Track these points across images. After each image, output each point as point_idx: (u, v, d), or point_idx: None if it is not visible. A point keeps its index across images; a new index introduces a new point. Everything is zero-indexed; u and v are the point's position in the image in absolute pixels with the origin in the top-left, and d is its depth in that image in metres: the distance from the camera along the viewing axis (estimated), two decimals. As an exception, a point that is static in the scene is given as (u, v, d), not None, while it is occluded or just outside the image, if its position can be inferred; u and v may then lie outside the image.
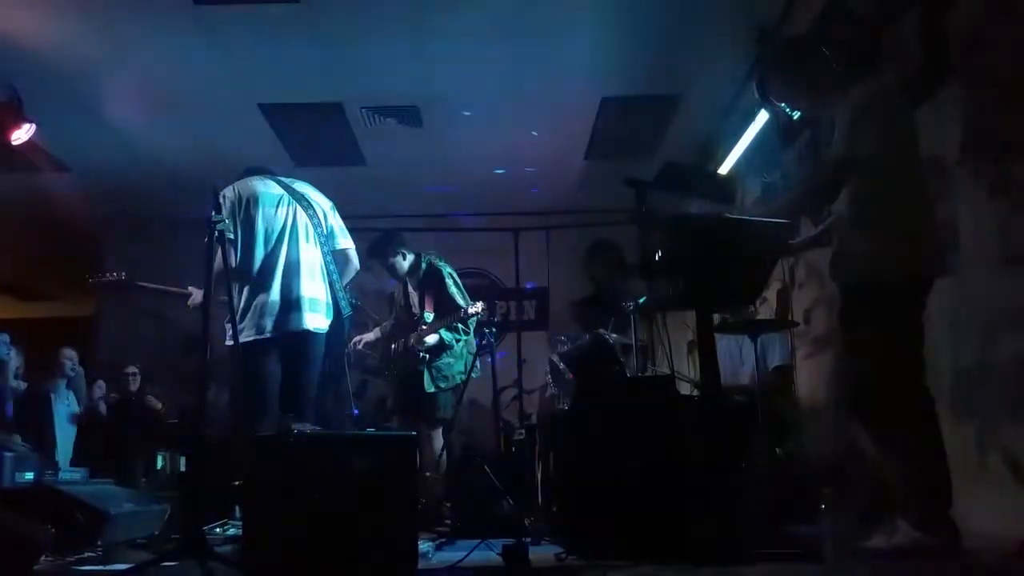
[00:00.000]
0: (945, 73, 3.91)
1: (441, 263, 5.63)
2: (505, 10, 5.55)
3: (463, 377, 5.49)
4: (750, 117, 5.85)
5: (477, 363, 5.62)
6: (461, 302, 5.48)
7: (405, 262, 5.63)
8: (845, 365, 3.25)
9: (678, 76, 6.45)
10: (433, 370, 5.47)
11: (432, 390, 5.46)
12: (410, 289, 5.71)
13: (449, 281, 5.56)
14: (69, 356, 7.33)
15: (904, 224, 3.16)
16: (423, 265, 5.62)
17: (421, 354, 5.42)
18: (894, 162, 3.17)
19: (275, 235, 4.13)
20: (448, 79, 6.43)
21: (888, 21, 4.39)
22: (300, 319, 4.07)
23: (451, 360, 5.50)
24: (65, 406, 7.16)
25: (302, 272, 4.13)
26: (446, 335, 5.43)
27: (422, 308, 5.56)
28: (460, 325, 5.46)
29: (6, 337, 7.09)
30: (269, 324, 4.02)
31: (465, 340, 5.57)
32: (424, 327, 5.44)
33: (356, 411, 5.78)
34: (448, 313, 5.45)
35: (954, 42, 3.87)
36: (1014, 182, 3.45)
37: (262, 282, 4.07)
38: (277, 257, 4.11)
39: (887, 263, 3.13)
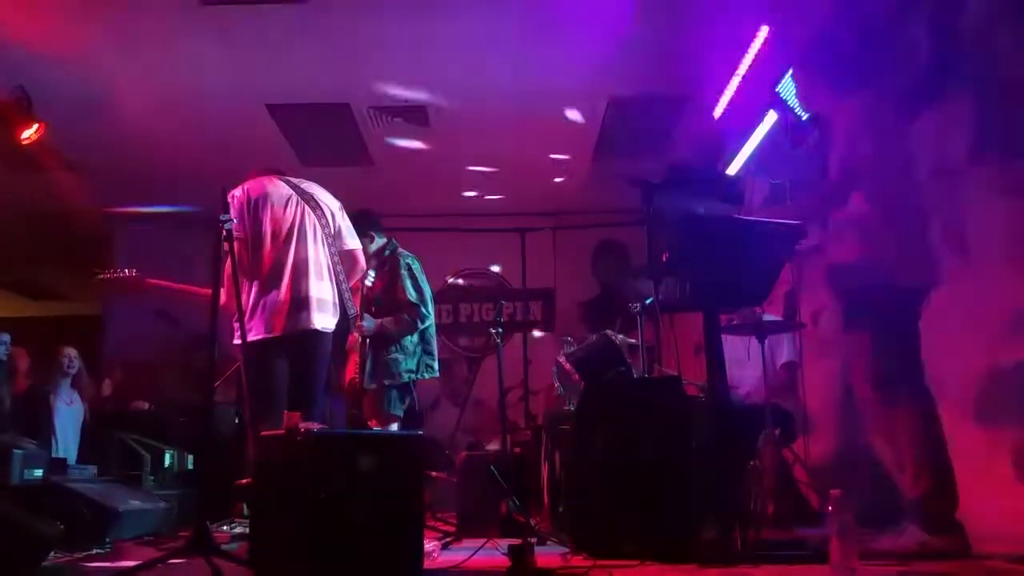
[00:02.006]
0: (955, 73, 3.90)
1: (405, 253, 5.33)
2: (512, 10, 5.55)
3: (412, 376, 5.18)
4: (758, 118, 5.83)
5: (435, 365, 5.32)
6: (410, 294, 5.15)
7: (372, 245, 5.26)
8: (847, 368, 3.25)
9: (685, 76, 6.43)
10: (379, 365, 5.13)
11: (372, 386, 5.11)
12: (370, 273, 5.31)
13: (404, 272, 5.22)
14: (67, 354, 7.33)
15: (898, 233, 3.17)
16: (387, 252, 5.34)
17: (361, 339, 5.03)
18: (889, 171, 3.19)
19: (283, 234, 4.14)
20: (455, 79, 6.43)
21: (898, 20, 4.38)
22: (308, 318, 4.08)
23: (399, 356, 5.15)
24: (67, 405, 7.18)
25: (310, 272, 4.14)
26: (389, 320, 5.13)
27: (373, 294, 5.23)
28: (406, 317, 5.13)
29: (6, 337, 7.10)
30: (276, 323, 4.02)
31: (421, 335, 5.25)
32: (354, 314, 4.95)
33: None
34: (395, 304, 5.16)
35: (964, 42, 3.86)
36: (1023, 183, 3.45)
37: (271, 281, 4.07)
38: (286, 256, 4.11)
39: (880, 270, 3.15)
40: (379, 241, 5.37)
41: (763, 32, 5.65)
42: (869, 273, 3.18)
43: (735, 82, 6.19)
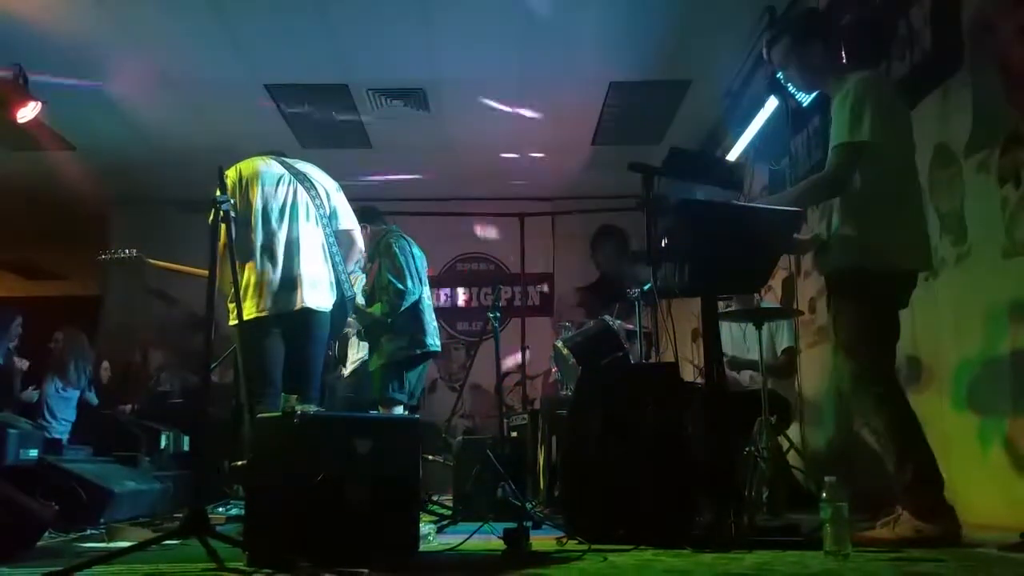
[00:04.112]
0: (956, 61, 3.89)
1: (394, 239, 5.35)
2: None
3: (403, 353, 5.20)
4: (759, 103, 5.81)
5: (428, 340, 5.29)
6: (387, 273, 5.19)
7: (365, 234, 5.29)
8: (834, 354, 3.23)
9: (687, 61, 6.42)
10: (373, 349, 5.29)
11: (370, 369, 5.32)
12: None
13: (385, 257, 5.27)
14: (56, 338, 7.36)
15: (890, 215, 3.14)
16: (379, 239, 5.39)
17: (358, 328, 5.19)
18: (886, 154, 3.15)
19: (274, 214, 4.10)
20: (455, 62, 6.41)
21: (900, 8, 4.35)
22: (301, 297, 4.05)
23: (390, 335, 5.20)
24: (57, 389, 7.18)
25: (302, 251, 4.09)
26: (377, 307, 5.21)
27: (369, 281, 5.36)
28: (386, 297, 5.18)
29: (19, 319, 7.13)
30: (269, 302, 4.00)
31: (412, 312, 5.25)
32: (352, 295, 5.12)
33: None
34: (380, 287, 5.24)
35: (965, 30, 3.84)
36: (1022, 172, 3.44)
37: (263, 261, 4.04)
38: (277, 236, 4.07)
39: (869, 252, 3.12)
40: (372, 230, 5.39)
41: (765, 18, 5.64)
42: (853, 253, 3.15)
43: (736, 68, 6.18)
